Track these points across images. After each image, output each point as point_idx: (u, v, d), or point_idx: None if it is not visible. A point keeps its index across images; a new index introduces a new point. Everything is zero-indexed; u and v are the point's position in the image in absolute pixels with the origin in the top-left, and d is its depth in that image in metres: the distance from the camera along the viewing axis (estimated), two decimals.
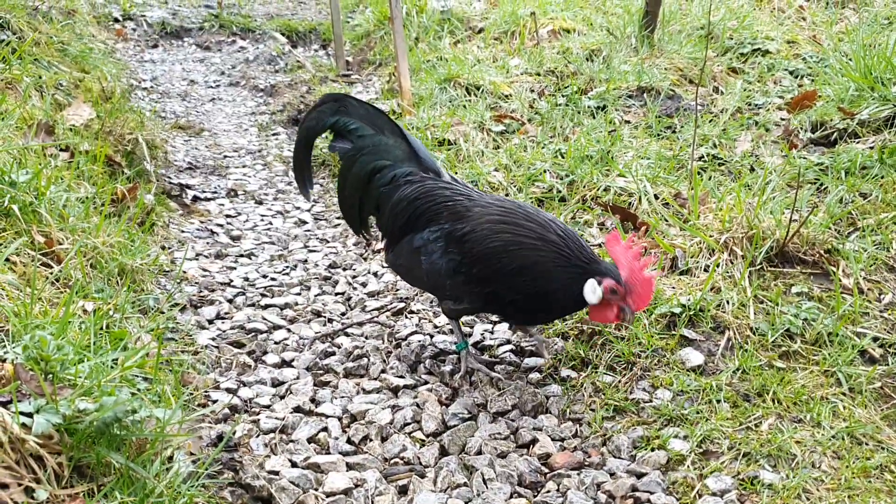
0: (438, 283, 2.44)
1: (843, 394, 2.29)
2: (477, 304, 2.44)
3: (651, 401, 2.34)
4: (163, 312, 2.82)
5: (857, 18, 6.04)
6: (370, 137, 2.59)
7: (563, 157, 3.84)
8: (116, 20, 8.69)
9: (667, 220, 3.15)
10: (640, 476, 2.06)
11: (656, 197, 3.34)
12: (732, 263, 2.78)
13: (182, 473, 1.87)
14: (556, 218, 2.36)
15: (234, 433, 2.23)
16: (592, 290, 2.19)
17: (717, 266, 2.75)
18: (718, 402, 2.27)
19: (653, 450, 2.14)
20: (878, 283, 2.74)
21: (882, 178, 3.30)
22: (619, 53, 5.32)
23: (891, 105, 3.82)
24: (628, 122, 4.39)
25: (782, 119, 4.24)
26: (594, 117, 4.40)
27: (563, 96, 4.73)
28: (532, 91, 4.94)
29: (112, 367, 2.07)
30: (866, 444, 2.10)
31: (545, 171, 3.70)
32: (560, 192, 3.55)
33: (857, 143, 3.74)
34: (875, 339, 2.48)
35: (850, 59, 4.47)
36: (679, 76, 5.02)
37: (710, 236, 2.87)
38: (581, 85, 4.86)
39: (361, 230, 2.77)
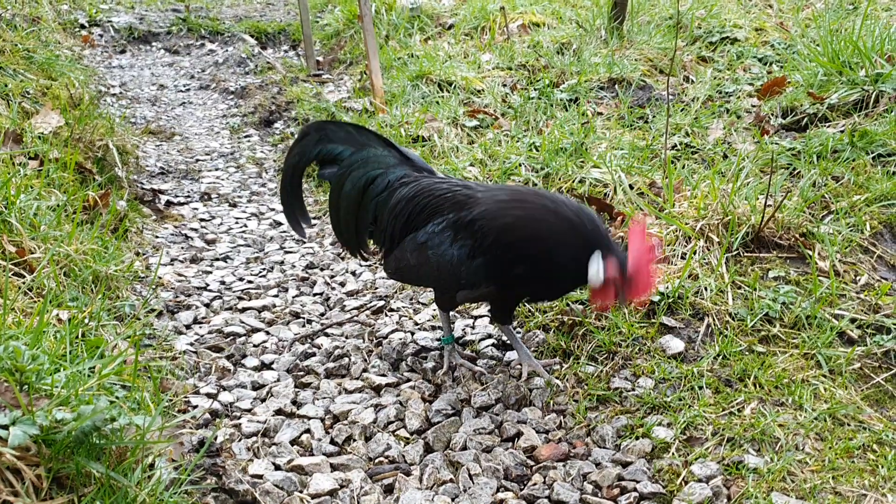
0: (451, 273, 2.36)
1: (824, 376, 2.31)
2: (495, 284, 2.35)
3: (633, 389, 2.34)
4: (139, 319, 2.79)
5: (822, 4, 6.10)
6: (358, 153, 2.56)
7: (537, 151, 3.84)
8: (83, 26, 8.58)
9: (642, 210, 3.16)
10: (625, 465, 2.06)
11: (631, 187, 3.34)
12: (709, 250, 2.80)
13: (164, 481, 1.84)
14: (570, 198, 2.33)
15: (215, 438, 2.20)
16: (597, 266, 2.13)
17: (694, 253, 2.76)
18: (700, 388, 2.28)
19: (637, 438, 2.15)
20: (853, 265, 2.76)
21: (853, 160, 3.33)
22: (590, 46, 5.34)
23: (859, 89, 3.86)
24: (601, 113, 4.40)
25: (753, 106, 4.27)
26: (567, 110, 4.40)
27: (535, 90, 4.73)
28: (504, 85, 4.93)
29: (89, 376, 2.03)
30: (848, 425, 2.11)
31: (520, 165, 3.70)
32: (536, 185, 3.55)
33: (828, 127, 3.77)
34: (853, 321, 2.50)
35: (818, 45, 4.51)
36: (649, 66, 5.04)
37: (686, 224, 2.88)
38: (553, 78, 4.86)
39: (360, 250, 2.69)
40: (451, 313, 2.79)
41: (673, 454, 2.07)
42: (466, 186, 2.43)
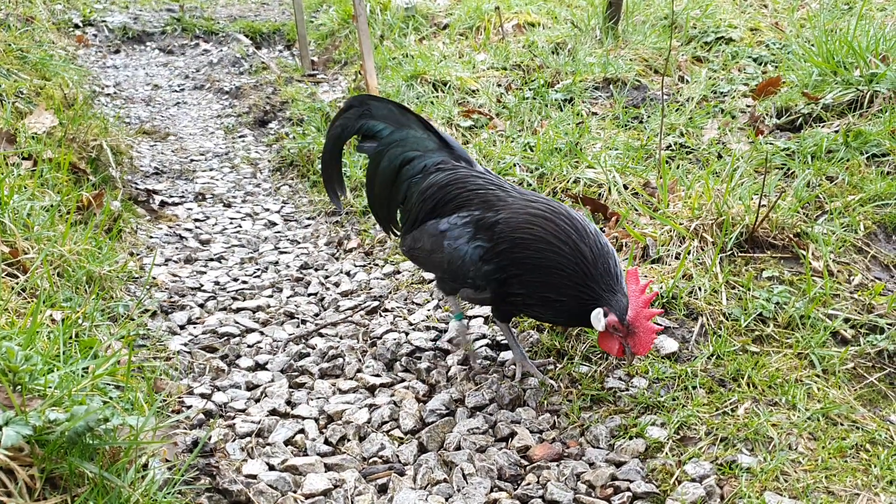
0: (461, 269, 2.35)
1: (817, 375, 2.31)
2: (499, 295, 2.35)
3: (627, 389, 2.35)
4: (133, 319, 2.78)
5: (817, 4, 6.11)
6: (397, 132, 2.57)
7: (532, 151, 3.84)
8: (77, 26, 8.56)
9: (637, 210, 3.16)
10: (619, 465, 2.07)
11: (626, 187, 3.35)
12: (703, 250, 2.80)
13: (158, 481, 1.84)
14: (599, 231, 2.26)
15: (209, 438, 2.20)
16: (598, 319, 2.14)
17: (689, 253, 2.77)
18: (694, 388, 2.28)
19: (631, 438, 2.15)
20: (847, 265, 2.76)
21: (847, 160, 3.34)
22: (585, 46, 5.34)
23: (853, 89, 3.87)
24: (595, 113, 4.40)
25: (748, 106, 4.27)
26: (561, 110, 4.40)
27: (530, 90, 4.73)
28: (499, 85, 4.93)
29: (83, 376, 2.03)
30: (841, 425, 2.12)
31: (515, 165, 3.70)
32: (531, 185, 3.55)
33: (822, 127, 3.78)
34: (846, 321, 2.50)
35: (813, 45, 4.52)
36: (644, 66, 5.05)
37: (681, 224, 2.88)
38: (547, 78, 4.86)
39: (391, 226, 2.71)
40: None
41: (666, 454, 2.07)
42: (501, 187, 2.41)
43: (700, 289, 2.64)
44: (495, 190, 2.39)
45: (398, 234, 2.71)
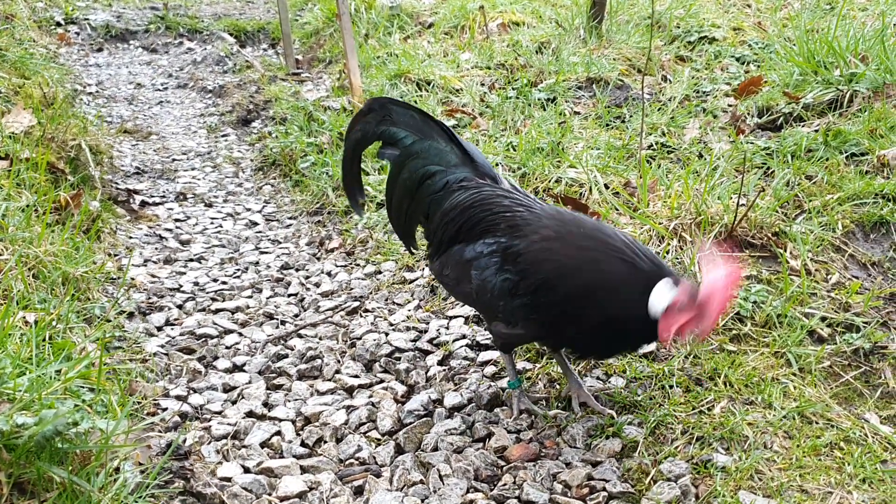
0: (490, 302, 2.16)
1: (794, 374, 2.32)
2: (534, 331, 2.16)
3: (605, 388, 2.34)
4: (109, 321, 2.76)
5: (799, 4, 6.14)
6: (419, 143, 2.39)
7: (514, 150, 3.84)
8: (59, 24, 8.50)
9: (617, 209, 3.16)
10: (595, 465, 2.06)
11: (606, 186, 3.34)
12: (682, 249, 2.80)
13: (129, 485, 1.82)
14: (627, 233, 2.12)
15: (183, 441, 2.18)
16: (664, 293, 1.89)
17: (667, 253, 2.77)
18: (671, 387, 2.29)
19: (607, 437, 2.15)
20: (825, 264, 2.77)
21: (827, 160, 3.35)
22: (568, 45, 5.34)
23: (833, 88, 3.89)
24: (578, 113, 4.40)
25: (729, 105, 4.28)
26: (544, 109, 4.40)
27: (513, 89, 4.73)
28: (483, 85, 4.93)
29: (55, 379, 2.01)
30: (816, 423, 2.12)
31: (497, 165, 3.69)
32: (512, 184, 3.54)
33: (803, 126, 3.79)
34: (823, 319, 2.51)
35: (794, 45, 4.53)
36: (628, 66, 5.05)
37: (660, 223, 2.88)
38: (531, 77, 4.86)
39: (408, 241, 2.54)
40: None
41: (642, 453, 2.07)
42: (530, 207, 2.20)
43: None
44: (523, 212, 2.17)
45: (415, 250, 2.60)
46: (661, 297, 1.89)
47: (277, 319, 3.01)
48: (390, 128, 2.43)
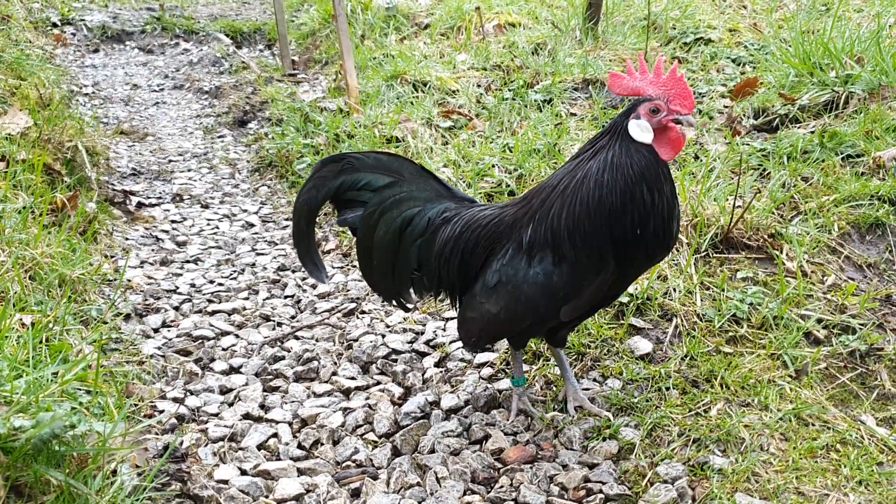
0: (546, 295, 2.01)
1: (790, 376, 2.32)
2: (608, 269, 1.97)
3: (602, 390, 2.35)
4: (106, 322, 2.76)
5: (795, 5, 6.15)
6: (388, 188, 2.22)
7: (511, 152, 3.84)
8: (55, 25, 8.49)
9: None
10: (591, 467, 2.07)
11: None
12: (678, 251, 2.80)
13: (126, 487, 1.82)
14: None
15: (180, 443, 2.18)
16: (639, 128, 1.92)
17: None
18: (668, 389, 2.29)
19: (604, 440, 2.15)
20: (820, 266, 2.78)
21: (823, 161, 3.35)
22: (565, 46, 5.34)
23: (829, 90, 3.89)
24: (574, 114, 4.41)
25: (725, 106, 4.29)
26: (541, 111, 4.40)
27: (509, 90, 4.73)
28: (479, 86, 4.93)
29: (52, 382, 2.01)
30: (812, 425, 2.13)
31: (494, 166, 3.70)
32: (509, 185, 3.55)
33: (799, 127, 3.80)
34: (819, 321, 2.52)
35: (790, 46, 4.54)
36: (623, 67, 5.05)
37: None
38: (527, 79, 4.86)
39: (401, 300, 2.34)
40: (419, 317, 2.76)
41: (639, 455, 2.08)
42: (504, 207, 2.17)
43: (675, 290, 2.64)
44: (507, 211, 2.14)
45: (408, 308, 2.42)
46: (637, 129, 1.93)
47: (274, 321, 3.00)
48: (349, 176, 2.23)
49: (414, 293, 2.32)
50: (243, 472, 2.11)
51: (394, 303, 2.38)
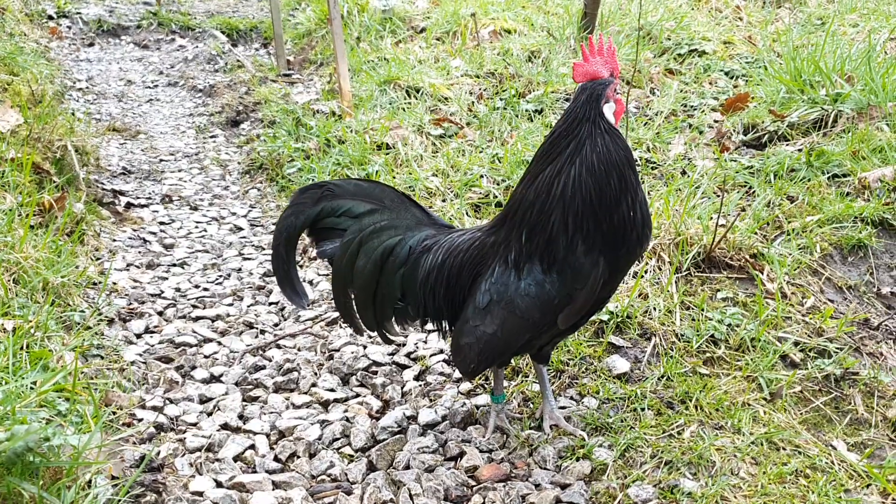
0: (541, 304, 2.01)
1: (765, 399, 2.34)
2: (600, 267, 1.97)
3: (578, 409, 2.36)
4: (89, 328, 2.77)
5: (789, 19, 6.17)
6: (369, 216, 2.22)
7: (500, 162, 3.85)
8: (51, 17, 8.48)
9: None
10: (564, 487, 2.08)
11: None
12: (660, 269, 2.82)
13: (100, 499, 1.84)
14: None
15: (157, 454, 2.19)
16: (609, 111, 1.99)
17: (645, 273, 2.79)
18: (643, 409, 2.31)
19: (577, 460, 2.17)
20: (801, 287, 2.80)
21: (809, 180, 3.37)
22: (558, 55, 5.36)
23: (819, 108, 3.91)
24: None
25: (716, 121, 4.31)
26: (532, 121, 4.42)
27: (501, 99, 4.75)
28: (471, 94, 4.94)
29: (31, 390, 2.02)
30: (784, 450, 2.15)
31: (482, 177, 3.71)
32: (496, 196, 3.57)
33: (787, 145, 3.82)
34: (796, 344, 2.54)
35: (783, 61, 4.56)
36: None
37: None
38: (519, 88, 4.87)
39: (384, 332, 2.31)
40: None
41: (611, 476, 2.09)
42: (481, 230, 2.18)
43: (655, 309, 2.66)
44: (484, 236, 2.14)
45: (391, 339, 2.36)
46: (609, 112, 2.01)
47: (257, 329, 3.02)
48: (329, 203, 2.23)
49: (396, 324, 2.30)
50: (219, 485, 2.12)
51: (375, 334, 2.34)
